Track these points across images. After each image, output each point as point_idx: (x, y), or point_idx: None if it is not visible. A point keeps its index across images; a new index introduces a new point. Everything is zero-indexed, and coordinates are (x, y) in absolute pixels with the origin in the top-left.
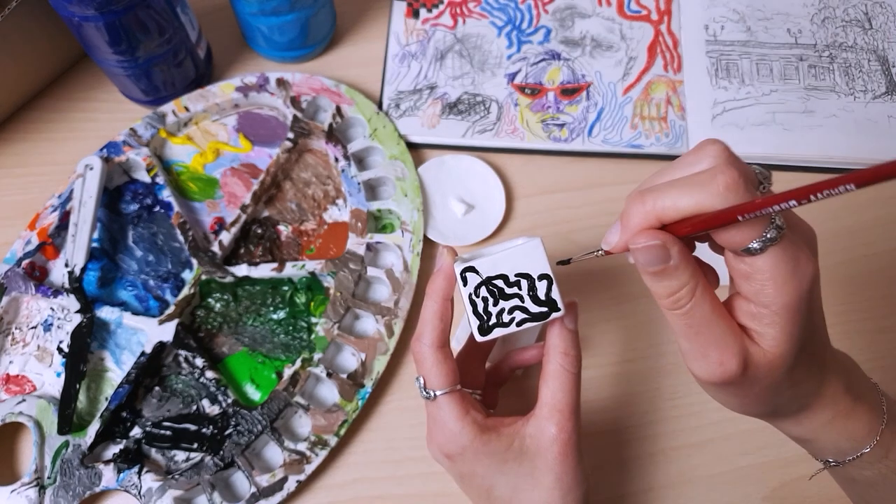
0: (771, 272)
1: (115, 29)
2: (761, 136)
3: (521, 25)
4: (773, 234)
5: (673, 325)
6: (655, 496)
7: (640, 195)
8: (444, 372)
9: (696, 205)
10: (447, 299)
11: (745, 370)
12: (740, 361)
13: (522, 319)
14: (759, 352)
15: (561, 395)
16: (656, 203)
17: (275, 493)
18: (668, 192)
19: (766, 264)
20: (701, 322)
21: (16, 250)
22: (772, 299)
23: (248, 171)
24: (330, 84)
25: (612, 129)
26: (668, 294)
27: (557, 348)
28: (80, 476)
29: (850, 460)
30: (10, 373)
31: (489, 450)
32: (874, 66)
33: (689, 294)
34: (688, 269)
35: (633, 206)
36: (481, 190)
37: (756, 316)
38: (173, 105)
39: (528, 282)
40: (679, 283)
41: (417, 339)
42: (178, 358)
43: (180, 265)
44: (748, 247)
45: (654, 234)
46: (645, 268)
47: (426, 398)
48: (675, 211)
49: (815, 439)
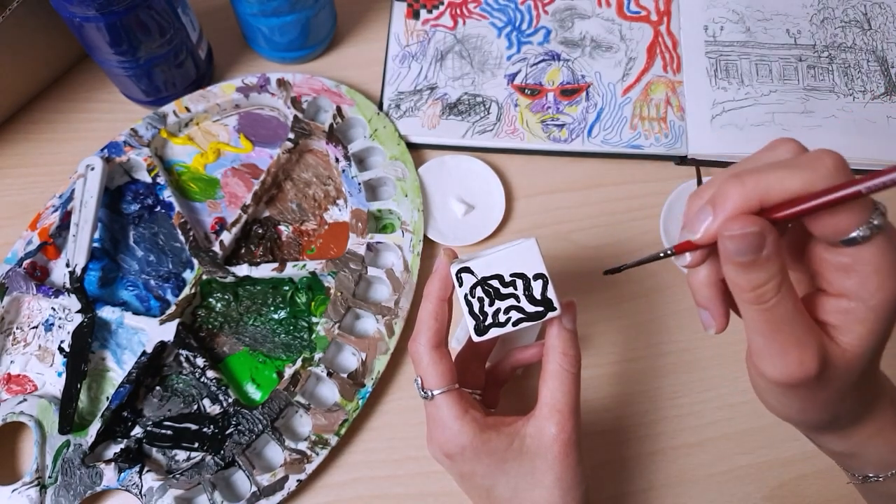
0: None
1: (116, 29)
2: (761, 137)
3: (521, 26)
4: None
5: (750, 320)
6: (655, 495)
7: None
8: (441, 371)
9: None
10: (443, 300)
11: (824, 370)
12: (821, 360)
13: (518, 319)
14: (839, 351)
15: (560, 394)
16: (759, 182)
17: (275, 492)
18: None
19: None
20: (783, 319)
21: (17, 250)
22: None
23: (249, 172)
24: (330, 84)
25: (612, 129)
26: (752, 287)
27: (556, 348)
28: (81, 475)
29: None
30: (12, 372)
31: (489, 449)
32: (873, 66)
33: (775, 289)
34: (779, 261)
35: (730, 188)
36: (481, 190)
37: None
38: (174, 105)
39: (523, 282)
40: (767, 276)
41: (414, 340)
42: (179, 358)
43: (181, 265)
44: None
45: (752, 219)
46: (735, 257)
47: (424, 398)
48: (782, 191)
49: (859, 453)
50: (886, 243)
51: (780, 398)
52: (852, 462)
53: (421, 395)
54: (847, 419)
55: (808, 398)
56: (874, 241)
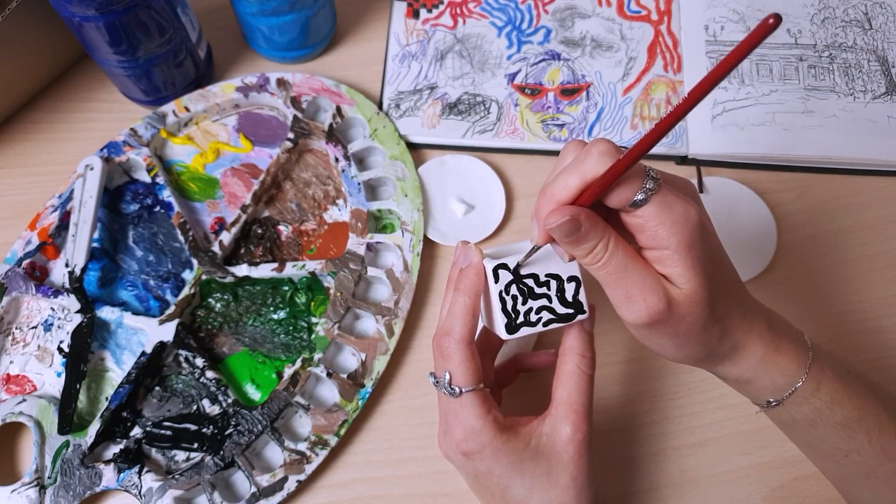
0: (658, 217)
1: (115, 29)
2: (761, 136)
3: (521, 26)
4: (652, 184)
5: (600, 279)
6: (656, 496)
7: (542, 190)
8: (472, 369)
9: (581, 177)
10: (479, 295)
11: (669, 307)
12: (662, 297)
13: (549, 320)
14: (676, 290)
15: (577, 395)
16: (553, 189)
17: (275, 492)
18: (558, 178)
19: (653, 211)
20: (619, 268)
21: (16, 250)
22: (666, 240)
23: (249, 172)
24: (330, 84)
25: (612, 129)
26: (586, 254)
27: (575, 350)
28: (80, 476)
29: (786, 397)
30: (11, 373)
31: (508, 449)
32: (874, 66)
33: (603, 248)
34: (598, 228)
35: (539, 200)
36: (481, 190)
37: (660, 260)
38: (174, 105)
39: (557, 283)
40: (593, 244)
41: (447, 334)
42: (179, 358)
43: (181, 265)
44: (634, 200)
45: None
46: (563, 239)
47: (450, 394)
48: (567, 190)
49: (753, 378)
50: (663, 199)
51: (649, 339)
52: (751, 388)
53: (446, 390)
54: (724, 348)
55: (672, 334)
56: (652, 200)
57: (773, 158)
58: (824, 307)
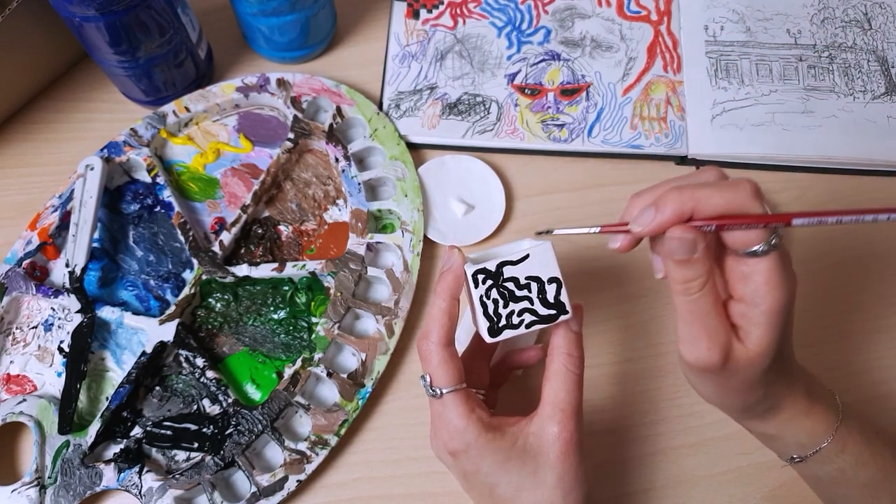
0: (767, 274)
1: (115, 29)
2: (761, 137)
3: (521, 26)
4: (776, 241)
5: (678, 308)
6: (656, 496)
7: (677, 188)
8: (451, 370)
9: (727, 204)
10: (455, 298)
11: (726, 362)
12: (723, 353)
13: (532, 321)
14: (742, 349)
15: (563, 394)
16: (693, 195)
17: (275, 492)
18: (703, 189)
19: (765, 267)
20: (701, 311)
21: (16, 250)
22: (763, 300)
23: (249, 172)
24: (330, 84)
25: (612, 129)
26: (683, 280)
27: (561, 349)
28: (80, 476)
29: (810, 455)
30: (11, 373)
31: (493, 447)
32: (874, 66)
33: (700, 285)
34: (706, 264)
35: (671, 195)
36: (481, 190)
37: (746, 315)
38: (174, 105)
39: (537, 285)
40: (695, 274)
41: (425, 338)
42: (179, 358)
43: (181, 265)
44: (754, 249)
45: (689, 228)
46: (673, 255)
47: (432, 396)
48: (709, 205)
49: (780, 436)
50: (778, 260)
51: (697, 382)
52: (777, 444)
53: (429, 392)
54: (761, 407)
55: (720, 384)
56: (769, 256)
57: (773, 158)
58: (824, 307)
